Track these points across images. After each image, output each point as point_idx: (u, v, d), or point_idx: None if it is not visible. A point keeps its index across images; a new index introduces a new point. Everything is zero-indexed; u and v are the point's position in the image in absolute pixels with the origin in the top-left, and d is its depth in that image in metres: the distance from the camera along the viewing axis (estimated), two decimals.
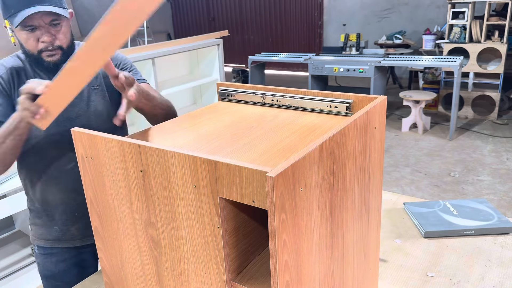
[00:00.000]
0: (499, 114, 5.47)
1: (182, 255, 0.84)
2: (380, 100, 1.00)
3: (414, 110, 5.05)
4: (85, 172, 0.95)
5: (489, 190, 3.62)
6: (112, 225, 0.95)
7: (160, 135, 1.03)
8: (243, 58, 9.29)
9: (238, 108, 1.22)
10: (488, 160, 4.23)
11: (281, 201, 0.65)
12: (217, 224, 0.75)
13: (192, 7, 10.20)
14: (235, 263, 0.81)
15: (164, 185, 0.80)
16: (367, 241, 1.05)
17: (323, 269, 0.83)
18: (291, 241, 0.69)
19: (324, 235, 0.81)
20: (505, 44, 5.20)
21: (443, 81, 5.74)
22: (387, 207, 1.68)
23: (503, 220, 1.50)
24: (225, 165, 0.69)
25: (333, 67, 5.09)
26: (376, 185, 1.05)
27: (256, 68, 5.83)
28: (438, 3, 7.23)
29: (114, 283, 1.03)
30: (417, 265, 1.33)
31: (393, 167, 4.19)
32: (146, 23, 7.37)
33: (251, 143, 0.95)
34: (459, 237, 1.46)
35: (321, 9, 8.51)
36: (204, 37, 4.04)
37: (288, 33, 9.09)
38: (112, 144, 0.86)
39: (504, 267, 1.30)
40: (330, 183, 0.80)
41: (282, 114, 1.14)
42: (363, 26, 8.01)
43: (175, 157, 0.76)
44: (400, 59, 5.06)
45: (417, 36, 7.29)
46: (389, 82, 7.27)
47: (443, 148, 4.59)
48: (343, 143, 0.83)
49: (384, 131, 1.05)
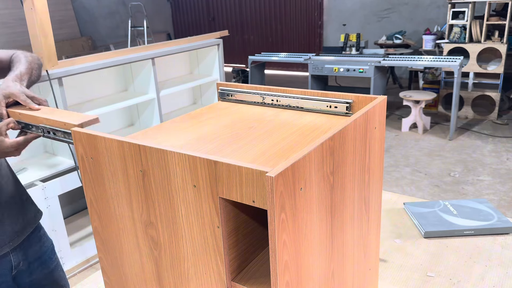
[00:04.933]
0: (499, 114, 5.47)
1: (182, 255, 0.84)
2: (380, 100, 1.00)
3: (414, 110, 5.05)
4: (84, 172, 0.95)
5: (489, 190, 3.62)
6: (111, 225, 0.95)
7: (160, 135, 1.03)
8: (243, 58, 9.29)
9: (238, 108, 1.22)
10: (488, 160, 4.23)
11: (281, 201, 0.65)
12: (217, 224, 0.75)
13: (192, 7, 10.20)
14: (235, 263, 0.81)
15: (164, 185, 0.80)
16: (367, 241, 1.05)
17: (323, 269, 0.83)
18: (291, 241, 0.69)
19: (324, 235, 0.81)
20: (505, 44, 5.20)
21: (443, 81, 5.74)
22: (387, 207, 1.68)
23: (503, 220, 1.50)
24: (225, 165, 0.69)
25: (333, 67, 5.09)
26: (376, 185, 1.05)
27: (256, 68, 5.83)
28: (438, 3, 7.23)
29: (114, 283, 1.03)
30: (417, 265, 1.33)
31: (393, 167, 4.19)
32: (146, 23, 7.37)
33: (251, 143, 0.95)
34: (459, 237, 1.46)
35: (321, 9, 8.51)
36: (204, 37, 4.04)
37: (288, 33, 9.09)
38: (112, 144, 0.86)
39: (504, 267, 1.30)
40: (330, 183, 0.80)
41: (282, 114, 1.14)
42: (363, 26, 8.01)
43: (175, 157, 0.76)
44: (400, 59, 5.06)
45: (417, 36, 7.29)
46: (389, 82, 7.27)
47: (443, 148, 4.59)
48: (343, 143, 0.83)
49: (384, 131, 1.05)
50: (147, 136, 1.02)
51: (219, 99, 1.31)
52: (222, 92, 1.29)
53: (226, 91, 1.28)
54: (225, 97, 1.29)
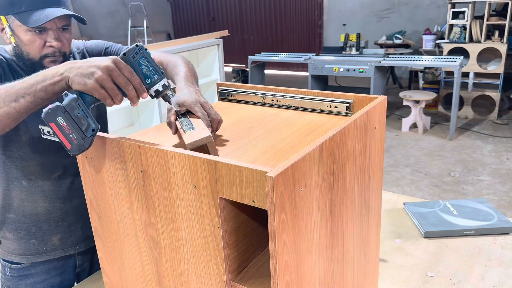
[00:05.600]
0: (499, 114, 5.47)
1: (182, 255, 0.83)
2: (380, 100, 1.00)
3: (414, 110, 5.05)
4: (85, 172, 0.95)
5: (489, 190, 3.62)
6: (112, 225, 0.95)
7: (160, 135, 1.03)
8: (243, 58, 9.29)
9: (238, 108, 1.22)
10: (488, 160, 4.23)
11: (281, 201, 0.65)
12: (217, 224, 0.75)
13: (192, 7, 10.20)
14: (235, 263, 0.81)
15: (164, 185, 0.80)
16: (367, 241, 1.05)
17: (323, 269, 0.83)
18: (291, 241, 0.69)
19: (324, 235, 0.81)
20: (505, 44, 5.20)
21: (443, 81, 5.74)
22: (387, 207, 1.68)
23: (503, 220, 1.50)
24: (225, 165, 0.69)
25: (333, 67, 5.09)
26: (376, 185, 1.05)
27: (256, 68, 5.83)
28: (438, 3, 7.23)
29: (114, 283, 1.03)
30: (417, 265, 1.33)
31: (393, 167, 4.19)
32: (146, 23, 7.37)
33: (251, 143, 0.95)
34: (459, 237, 1.46)
35: (321, 9, 8.51)
36: (204, 37, 4.04)
37: (288, 33, 9.09)
38: (112, 144, 0.86)
39: (504, 267, 1.30)
40: (330, 183, 0.80)
41: (282, 114, 1.14)
42: (363, 26, 8.01)
43: (175, 157, 0.76)
44: (400, 59, 5.06)
45: (417, 36, 7.29)
46: (389, 82, 7.27)
47: (443, 148, 4.59)
48: (343, 143, 0.83)
49: (384, 131, 1.05)
50: (147, 136, 1.02)
51: (219, 99, 1.31)
52: (222, 92, 1.29)
53: (226, 91, 1.28)
54: (225, 97, 1.29)
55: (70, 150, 0.81)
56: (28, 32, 1.14)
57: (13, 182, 1.26)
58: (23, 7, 1.11)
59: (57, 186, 1.29)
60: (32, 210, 1.29)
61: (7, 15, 1.14)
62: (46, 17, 1.10)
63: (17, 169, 1.25)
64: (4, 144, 1.23)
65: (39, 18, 1.11)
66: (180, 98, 0.98)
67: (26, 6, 1.11)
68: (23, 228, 1.30)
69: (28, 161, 1.24)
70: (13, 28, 1.15)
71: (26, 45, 1.16)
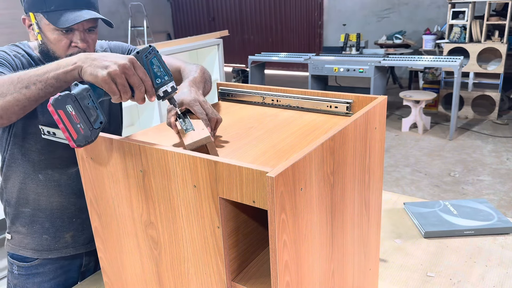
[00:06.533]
0: (499, 114, 5.47)
1: (182, 255, 0.83)
2: (380, 100, 1.00)
3: (414, 110, 5.05)
4: (85, 172, 0.95)
5: (489, 190, 3.62)
6: (112, 225, 0.95)
7: (160, 135, 1.03)
8: (243, 58, 9.29)
9: (238, 108, 1.22)
10: (488, 160, 4.23)
11: (281, 201, 0.65)
12: (217, 224, 0.75)
13: (192, 7, 10.20)
14: (235, 263, 0.81)
15: (164, 185, 0.80)
16: (367, 241, 1.05)
17: (323, 269, 0.83)
18: (291, 241, 0.69)
19: (324, 235, 0.81)
20: (505, 44, 5.20)
21: (443, 81, 5.74)
22: (387, 207, 1.68)
23: (503, 220, 1.50)
24: (225, 165, 0.69)
25: (333, 67, 5.09)
26: (376, 185, 1.05)
27: (256, 68, 5.83)
28: (438, 3, 7.23)
29: (114, 283, 1.03)
30: (417, 265, 1.33)
31: (393, 167, 4.19)
32: (146, 23, 7.37)
33: (251, 143, 0.95)
34: (459, 237, 1.46)
35: (321, 9, 8.51)
36: (204, 37, 4.04)
37: (288, 33, 9.09)
38: (112, 144, 0.86)
39: (504, 267, 1.30)
40: (330, 183, 0.80)
41: (282, 114, 1.14)
42: (363, 26, 8.01)
43: (175, 157, 0.76)
44: (400, 59, 5.06)
45: (417, 36, 7.28)
46: (389, 82, 7.27)
47: (443, 148, 4.59)
48: (343, 143, 0.83)
49: (384, 131, 1.05)
50: (147, 136, 1.02)
51: (219, 99, 1.31)
52: (222, 92, 1.29)
53: (226, 91, 1.28)
54: (225, 97, 1.29)
55: (76, 140, 0.79)
56: (55, 31, 1.14)
57: (30, 176, 1.27)
58: (53, 6, 1.11)
59: (73, 181, 1.30)
60: (47, 204, 1.29)
61: (36, 12, 1.14)
62: (74, 19, 1.11)
63: (34, 162, 1.25)
64: (23, 137, 1.23)
65: (68, 20, 1.11)
66: (179, 97, 1.00)
67: (55, 5, 1.11)
68: (38, 222, 1.30)
69: (45, 154, 1.25)
70: (40, 26, 1.16)
71: (52, 43, 1.17)
